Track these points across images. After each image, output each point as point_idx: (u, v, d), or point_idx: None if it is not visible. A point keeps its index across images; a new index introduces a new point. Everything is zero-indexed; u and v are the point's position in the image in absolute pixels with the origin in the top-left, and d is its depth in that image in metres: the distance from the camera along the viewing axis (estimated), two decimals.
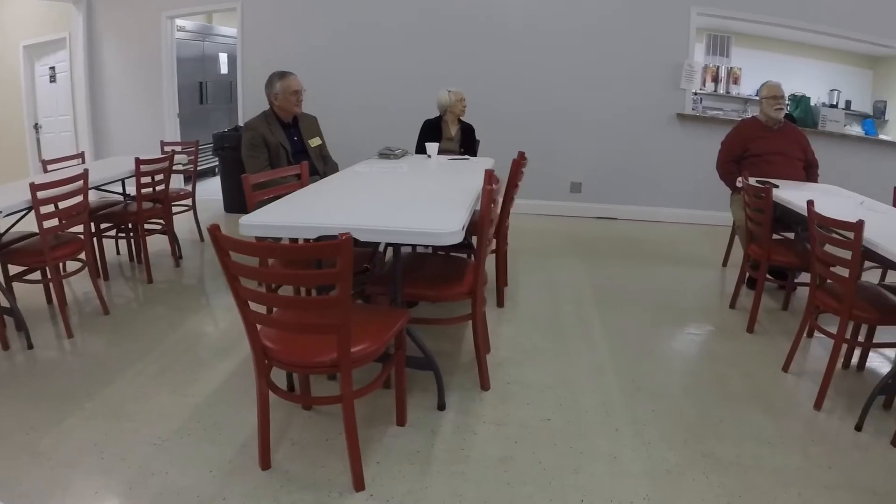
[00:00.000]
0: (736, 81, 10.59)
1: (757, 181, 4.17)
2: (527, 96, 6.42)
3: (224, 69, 9.80)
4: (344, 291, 1.97)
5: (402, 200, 2.99)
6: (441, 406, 2.75)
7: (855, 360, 3.76)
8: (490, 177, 2.80)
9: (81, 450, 2.48)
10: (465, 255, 3.85)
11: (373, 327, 2.28)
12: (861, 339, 3.59)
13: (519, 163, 3.86)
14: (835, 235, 3.10)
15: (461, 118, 5.05)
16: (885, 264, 3.19)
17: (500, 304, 4.00)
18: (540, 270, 4.79)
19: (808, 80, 11.21)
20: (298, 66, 4.92)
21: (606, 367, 3.31)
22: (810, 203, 3.20)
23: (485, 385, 2.94)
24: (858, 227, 2.84)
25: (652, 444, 2.64)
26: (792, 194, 3.92)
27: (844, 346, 3.65)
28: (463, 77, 6.01)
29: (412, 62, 6.57)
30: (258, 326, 2.16)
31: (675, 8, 6.57)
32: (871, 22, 7.45)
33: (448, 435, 2.59)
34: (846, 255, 2.92)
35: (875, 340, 3.56)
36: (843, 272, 2.95)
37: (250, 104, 6.69)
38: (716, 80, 10.75)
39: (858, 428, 2.96)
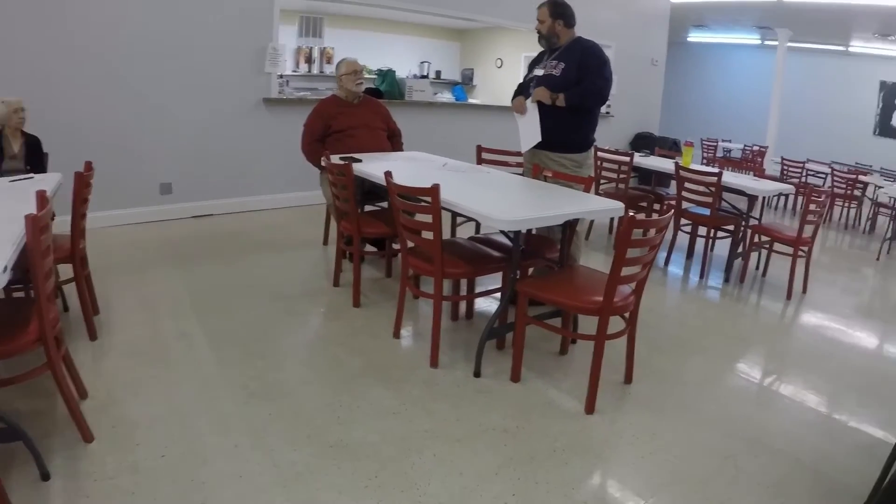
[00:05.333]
0: (329, 61, 11.21)
1: (340, 157, 4.45)
2: (102, 96, 5.95)
3: None
4: None
5: None
6: (44, 476, 2.47)
7: (464, 310, 4.26)
8: (41, 200, 2.59)
9: None
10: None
11: None
12: (463, 291, 4.11)
13: (83, 176, 3.68)
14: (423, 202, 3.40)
15: (24, 130, 4.61)
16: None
17: (92, 336, 3.72)
18: (134, 287, 4.54)
19: (400, 54, 12.30)
20: None
21: (215, 379, 3.27)
22: (387, 174, 3.48)
23: (87, 437, 2.71)
24: (434, 191, 3.18)
25: (276, 450, 2.67)
26: (374, 166, 4.22)
27: (449, 301, 4.18)
28: (21, 82, 5.37)
29: None
30: None
31: None
32: None
33: None
34: (428, 218, 3.26)
35: (480, 289, 4.05)
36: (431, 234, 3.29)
37: None
38: (309, 60, 11.29)
39: (477, 374, 3.37)
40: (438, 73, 13.02)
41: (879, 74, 14.56)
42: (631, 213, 2.93)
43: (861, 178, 9.80)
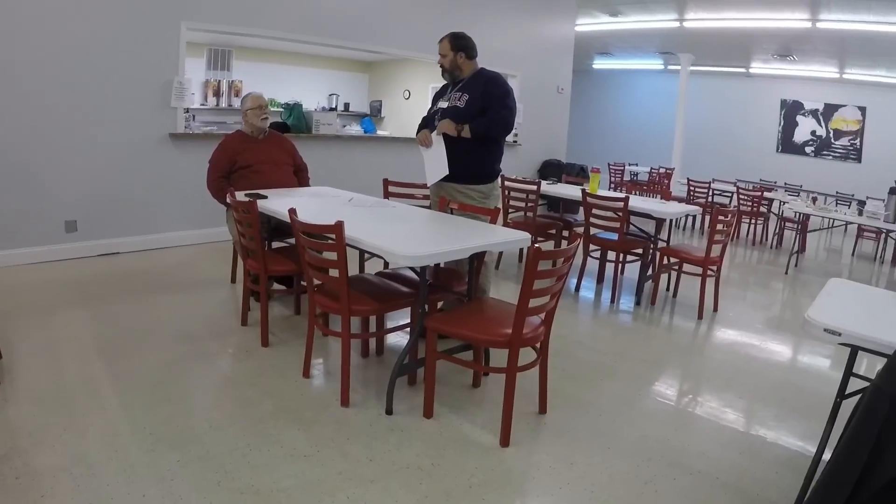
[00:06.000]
0: (238, 94, 11.08)
1: (246, 194, 4.40)
2: (2, 131, 5.72)
3: None
4: None
5: None
6: None
7: (374, 346, 4.22)
8: None
9: None
10: None
11: None
12: (373, 327, 4.07)
13: None
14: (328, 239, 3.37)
15: None
16: None
17: None
18: (38, 330, 4.35)
19: (309, 87, 12.29)
20: None
21: (121, 426, 3.15)
22: (291, 211, 3.44)
23: None
24: (338, 228, 3.16)
25: (184, 498, 2.59)
26: (279, 203, 4.18)
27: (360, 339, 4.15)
28: None
29: None
30: None
31: (164, 23, 6.53)
32: (364, 31, 8.42)
33: None
34: (334, 255, 3.22)
35: (390, 324, 4.05)
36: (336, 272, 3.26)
37: None
38: (218, 94, 11.14)
39: (389, 412, 3.33)
40: (347, 105, 13.05)
41: (780, 93, 15.30)
42: (537, 245, 2.94)
43: (766, 194, 10.22)
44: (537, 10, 10.99)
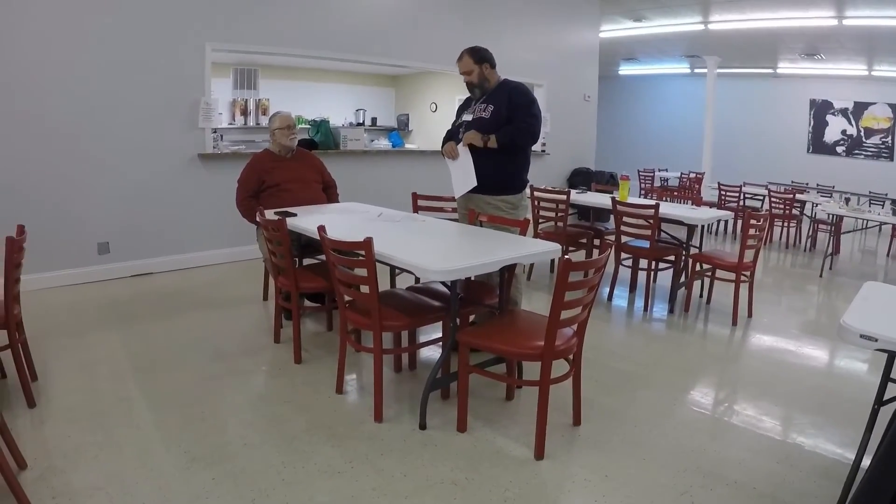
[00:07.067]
0: (265, 112, 11.19)
1: (275, 212, 4.43)
2: (35, 156, 5.85)
3: None
4: None
5: None
6: None
7: (407, 361, 4.22)
8: None
9: None
10: None
11: None
12: (404, 343, 4.06)
13: (14, 241, 3.58)
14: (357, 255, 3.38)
15: None
16: None
17: (30, 404, 3.63)
18: (73, 351, 4.41)
19: (335, 103, 12.36)
20: None
21: (155, 445, 3.18)
22: (321, 228, 3.46)
23: None
24: (367, 244, 3.16)
25: None
26: (309, 220, 4.21)
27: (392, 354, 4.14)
28: None
29: None
30: None
31: (189, 45, 6.64)
32: (388, 46, 8.49)
33: None
34: (364, 272, 3.23)
35: (423, 338, 4.07)
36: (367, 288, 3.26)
37: None
38: (245, 112, 11.25)
39: (423, 427, 3.33)
40: (374, 120, 13.13)
41: (808, 93, 15.06)
42: (567, 256, 2.93)
43: (798, 196, 10.06)
44: (561, 18, 10.99)
